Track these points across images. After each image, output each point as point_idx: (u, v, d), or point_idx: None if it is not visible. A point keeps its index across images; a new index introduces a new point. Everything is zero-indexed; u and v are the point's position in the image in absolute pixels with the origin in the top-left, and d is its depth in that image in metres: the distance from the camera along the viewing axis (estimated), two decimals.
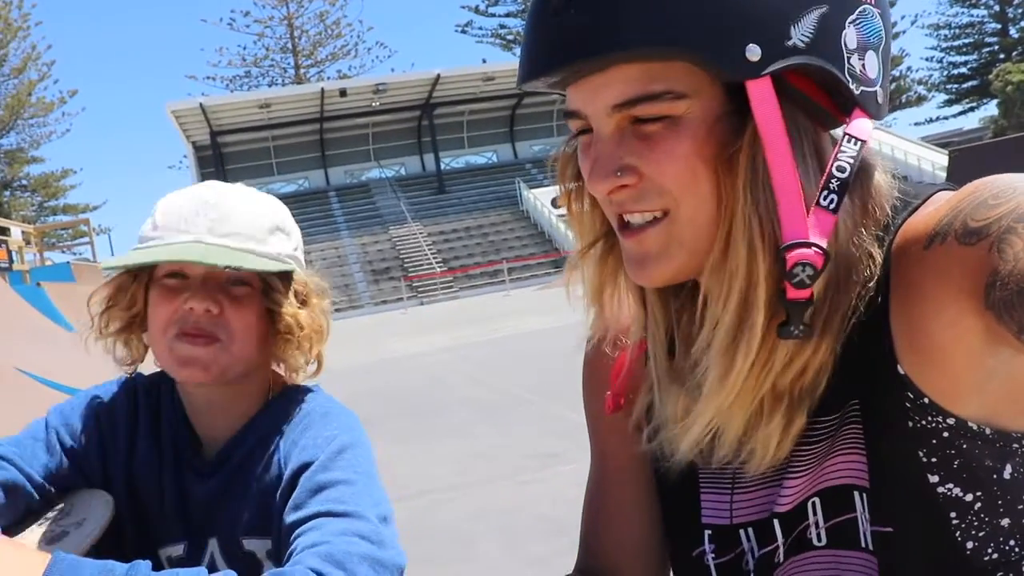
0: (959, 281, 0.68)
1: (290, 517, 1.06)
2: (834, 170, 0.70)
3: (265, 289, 1.21)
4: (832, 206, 0.70)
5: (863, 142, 0.71)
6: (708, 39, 0.68)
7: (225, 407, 1.24)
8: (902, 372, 0.73)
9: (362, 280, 36.17)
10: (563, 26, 0.71)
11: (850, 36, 0.72)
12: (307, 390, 1.30)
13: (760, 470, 0.80)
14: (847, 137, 0.71)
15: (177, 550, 1.21)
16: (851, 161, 0.70)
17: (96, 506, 1.11)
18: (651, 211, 0.76)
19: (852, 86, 0.72)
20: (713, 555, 0.88)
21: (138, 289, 1.21)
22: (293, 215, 1.30)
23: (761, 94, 0.69)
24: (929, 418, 0.72)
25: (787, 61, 0.69)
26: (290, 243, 1.24)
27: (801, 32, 0.69)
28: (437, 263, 37.12)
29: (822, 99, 0.73)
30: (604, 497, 1.01)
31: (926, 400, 0.72)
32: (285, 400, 1.26)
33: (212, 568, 1.17)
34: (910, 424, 0.73)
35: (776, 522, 0.82)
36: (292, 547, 1.01)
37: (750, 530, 0.85)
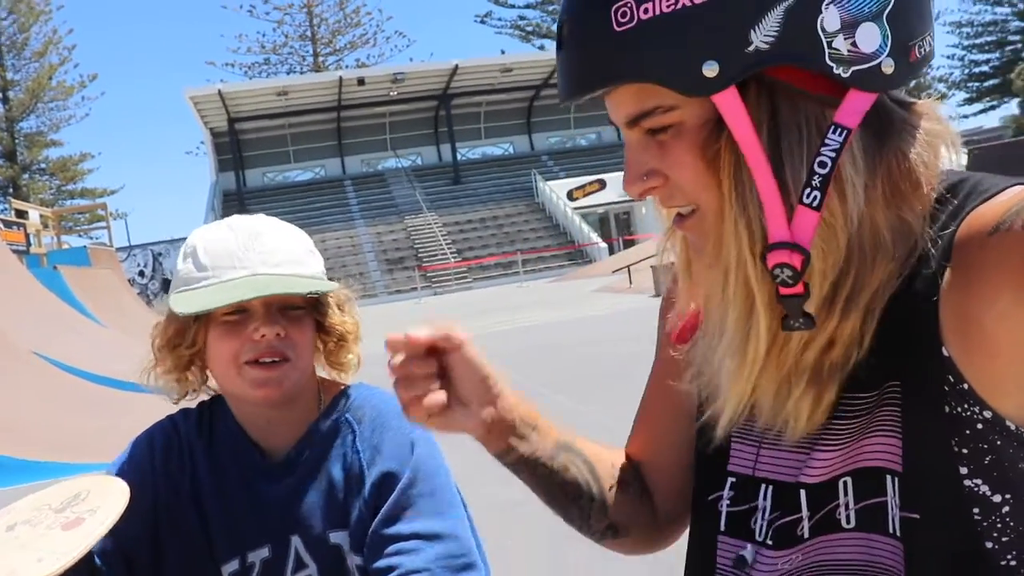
0: (1019, 269, 0.67)
1: (384, 529, 1.23)
2: (815, 166, 0.70)
3: (315, 305, 1.32)
4: (815, 203, 0.70)
5: (849, 130, 0.70)
6: (664, 66, 0.71)
7: (283, 416, 1.33)
8: (946, 354, 0.71)
9: (376, 269, 36.23)
10: (566, 61, 0.78)
11: (829, 18, 0.69)
12: (360, 387, 1.41)
13: (795, 439, 0.81)
14: (833, 127, 0.71)
15: (263, 553, 1.29)
16: (833, 155, 0.70)
17: (111, 494, 1.11)
18: (683, 206, 0.81)
19: (839, 70, 0.70)
20: (728, 502, 0.88)
21: (199, 328, 1.29)
22: (309, 203, 1.35)
23: (727, 105, 0.71)
24: (966, 406, 0.71)
25: (750, 69, 0.69)
26: (320, 261, 1.36)
27: (764, 34, 0.68)
28: (452, 254, 37.17)
29: (820, 85, 0.71)
30: (654, 396, 1.06)
31: (966, 386, 0.71)
32: (345, 400, 1.37)
33: (299, 565, 1.28)
34: (946, 409, 0.72)
35: (803, 492, 0.81)
36: (391, 562, 1.19)
37: (770, 488, 0.85)
